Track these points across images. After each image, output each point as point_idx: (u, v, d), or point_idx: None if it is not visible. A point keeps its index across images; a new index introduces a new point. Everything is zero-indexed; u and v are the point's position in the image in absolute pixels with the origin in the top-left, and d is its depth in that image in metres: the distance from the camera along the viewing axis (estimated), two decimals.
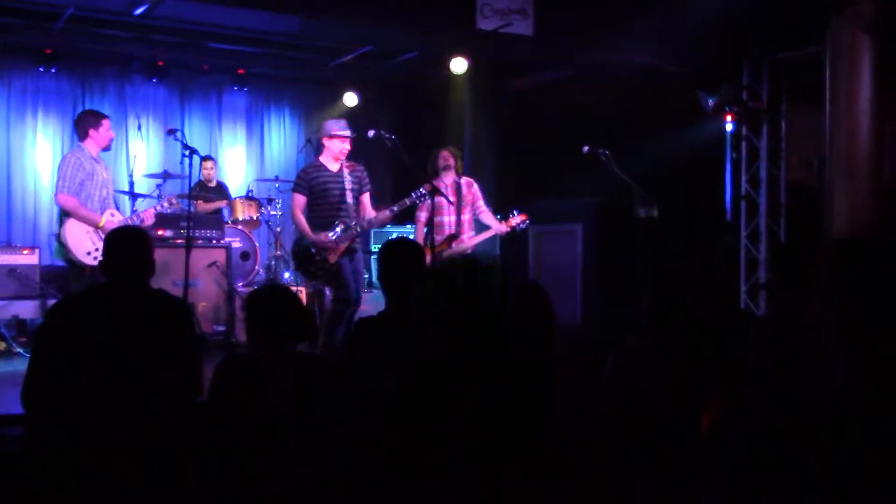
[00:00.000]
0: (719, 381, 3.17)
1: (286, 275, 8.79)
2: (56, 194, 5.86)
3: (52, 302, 4.85)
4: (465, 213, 6.63)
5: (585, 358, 3.42)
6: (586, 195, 7.77)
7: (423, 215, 6.55)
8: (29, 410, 3.12)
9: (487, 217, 6.75)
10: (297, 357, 3.19)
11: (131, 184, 8.35)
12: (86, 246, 5.83)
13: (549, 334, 3.24)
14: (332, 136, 6.16)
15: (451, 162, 6.60)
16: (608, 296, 7.49)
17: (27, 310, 6.99)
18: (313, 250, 6.00)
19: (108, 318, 3.23)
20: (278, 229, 9.13)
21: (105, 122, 6.06)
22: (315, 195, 6.10)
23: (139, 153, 9.54)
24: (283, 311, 3.16)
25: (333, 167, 6.16)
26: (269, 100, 10.83)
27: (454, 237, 6.56)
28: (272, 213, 9.15)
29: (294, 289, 7.03)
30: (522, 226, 6.67)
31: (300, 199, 6.12)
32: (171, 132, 6.52)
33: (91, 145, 6.00)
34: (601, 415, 3.26)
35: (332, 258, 5.96)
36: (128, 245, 3.38)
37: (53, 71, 9.34)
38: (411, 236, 8.44)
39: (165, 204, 6.47)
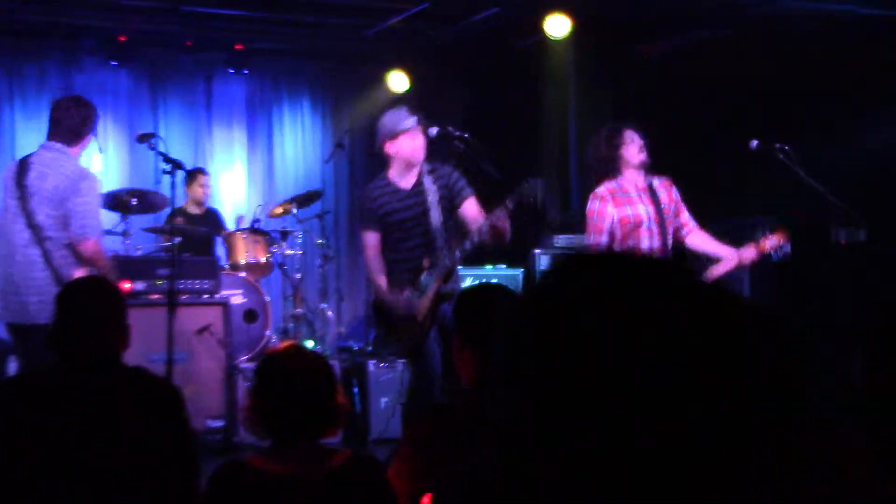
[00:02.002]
0: None
1: (309, 343, 8.83)
2: (88, 237, 5.81)
3: None
4: (669, 236, 6.17)
5: None
6: (754, 212, 7.70)
7: (601, 239, 6.03)
8: None
9: (706, 241, 6.27)
10: (327, 459, 3.19)
11: None
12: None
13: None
14: (395, 136, 6.09)
15: (646, 154, 6.17)
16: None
17: None
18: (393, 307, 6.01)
19: (64, 412, 3.30)
20: (298, 276, 9.22)
21: (91, 113, 6.07)
22: (386, 230, 6.08)
23: (94, 169, 9.76)
24: (306, 385, 3.18)
25: (407, 181, 6.16)
26: (280, 86, 11.06)
27: None
28: (288, 252, 9.26)
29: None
30: (781, 253, 6.05)
31: (371, 239, 6.14)
32: (142, 139, 6.67)
33: (79, 154, 6.00)
34: None
35: (420, 314, 5.88)
36: (91, 303, 3.46)
37: None
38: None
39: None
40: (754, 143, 6.42)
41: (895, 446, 3.13)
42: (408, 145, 6.03)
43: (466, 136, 5.95)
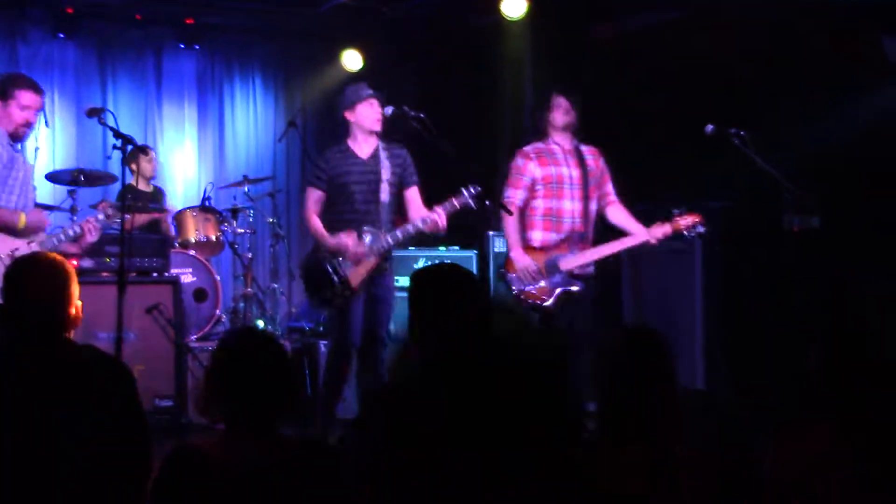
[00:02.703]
0: None
1: (260, 323, 8.82)
2: None
3: None
4: (592, 201, 6.48)
5: (713, 455, 3.34)
6: (708, 196, 7.74)
7: (516, 194, 6.44)
8: None
9: (623, 216, 6.58)
10: (282, 446, 3.17)
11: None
12: None
13: (669, 416, 3.18)
14: (353, 105, 6.47)
15: (572, 116, 6.53)
16: (745, 349, 7.43)
17: None
18: (330, 269, 6.28)
19: (12, 389, 3.25)
20: (249, 255, 9.18)
21: (24, 94, 6.15)
22: (335, 191, 6.41)
23: (41, 144, 9.64)
24: (263, 370, 3.15)
25: (364, 151, 6.49)
26: (232, 63, 10.95)
27: (582, 237, 6.38)
28: (239, 231, 9.21)
29: None
30: (695, 232, 6.32)
31: (314, 195, 6.49)
32: (92, 113, 6.57)
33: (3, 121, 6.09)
34: None
35: (355, 280, 6.23)
36: (41, 280, 3.41)
37: None
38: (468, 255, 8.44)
39: (101, 216, 6.47)
40: (710, 127, 6.45)
41: (851, 430, 3.16)
42: (366, 113, 6.41)
43: (422, 115, 5.97)
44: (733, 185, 7.30)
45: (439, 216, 6.15)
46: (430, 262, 8.24)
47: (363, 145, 6.48)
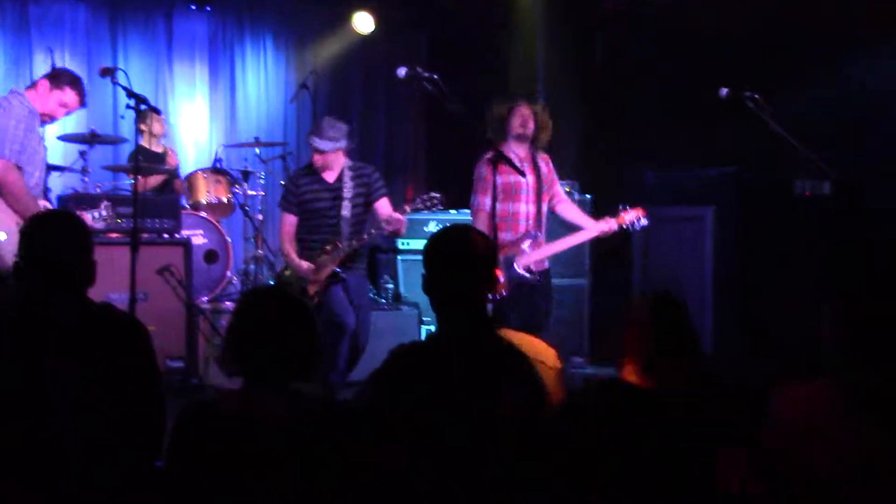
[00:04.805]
0: None
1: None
2: None
3: None
4: (544, 203, 6.85)
5: (724, 412, 3.38)
6: (721, 163, 7.73)
7: (485, 201, 6.62)
8: None
9: (573, 211, 6.99)
10: (298, 403, 3.19)
11: None
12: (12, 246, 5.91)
13: (690, 376, 3.21)
14: (313, 150, 6.89)
15: (530, 128, 6.80)
16: (755, 313, 7.45)
17: None
18: (293, 278, 6.84)
19: (25, 346, 3.29)
20: (260, 217, 9.20)
21: (71, 94, 6.33)
22: (305, 213, 6.90)
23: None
24: (287, 327, 3.17)
25: (330, 176, 6.94)
26: (243, 24, 10.95)
27: (533, 237, 6.70)
28: (250, 192, 9.23)
29: None
30: (638, 226, 6.72)
31: (288, 220, 6.98)
32: (105, 73, 6.59)
33: (34, 100, 6.20)
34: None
35: (312, 289, 6.72)
36: (57, 236, 3.44)
37: None
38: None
39: (104, 212, 6.45)
40: (724, 91, 6.44)
41: (863, 394, 3.18)
42: (315, 159, 6.88)
43: (435, 76, 5.95)
44: (746, 151, 7.29)
45: (401, 220, 6.52)
46: (440, 225, 8.31)
47: (328, 171, 6.92)
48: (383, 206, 6.89)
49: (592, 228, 6.74)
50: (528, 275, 6.57)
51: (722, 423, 3.34)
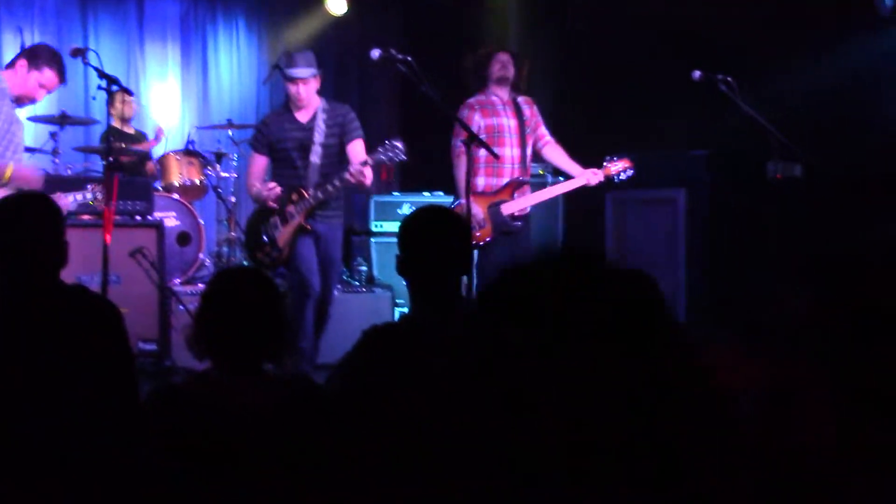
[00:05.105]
0: None
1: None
2: None
3: None
4: (528, 147, 6.89)
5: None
6: (693, 145, 7.76)
7: (461, 146, 6.60)
8: None
9: (560, 155, 6.99)
10: (267, 385, 3.20)
11: None
12: None
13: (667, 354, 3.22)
14: (286, 79, 6.67)
15: (511, 71, 6.85)
16: (727, 294, 7.48)
17: None
18: (262, 230, 6.66)
19: (1, 329, 3.29)
20: (233, 199, 9.18)
21: (50, 74, 6.19)
22: (275, 155, 6.71)
23: None
24: (258, 309, 3.17)
25: (304, 115, 6.70)
26: (216, 6, 10.92)
27: (520, 184, 6.75)
28: (223, 175, 9.21)
29: None
30: (624, 176, 6.83)
31: (258, 162, 6.81)
32: (76, 53, 6.56)
33: (11, 81, 6.11)
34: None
35: (281, 240, 6.57)
36: (29, 219, 3.43)
37: None
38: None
39: (88, 195, 6.45)
40: (697, 73, 6.49)
41: (842, 375, 3.21)
42: (293, 91, 6.63)
43: (409, 59, 5.96)
44: (718, 133, 7.31)
45: (364, 173, 6.33)
46: (414, 207, 8.31)
47: (302, 109, 6.69)
48: (354, 151, 6.66)
49: (580, 176, 6.79)
50: (514, 222, 6.65)
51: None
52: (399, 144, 6.36)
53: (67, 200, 6.18)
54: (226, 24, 10.96)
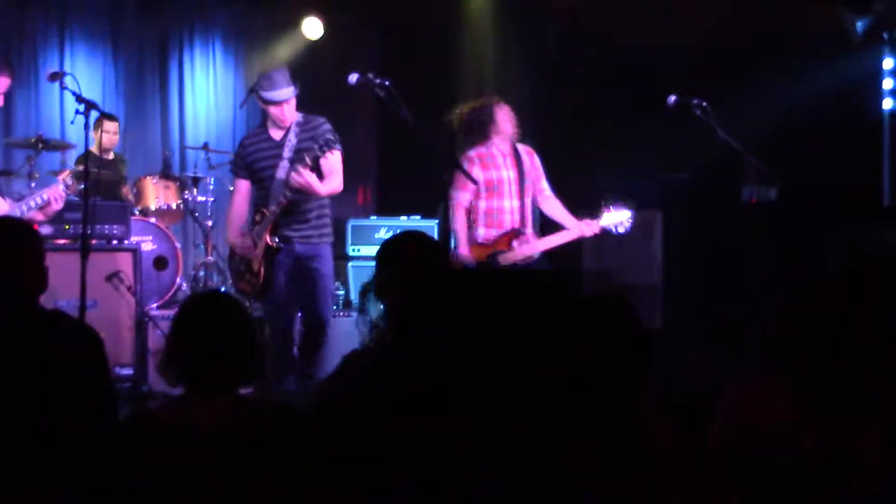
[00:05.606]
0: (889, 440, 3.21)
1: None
2: None
3: None
4: (527, 198, 6.82)
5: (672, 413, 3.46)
6: (669, 169, 7.81)
7: (464, 196, 6.70)
8: None
9: (555, 208, 6.93)
10: (241, 408, 3.21)
11: None
12: None
13: (640, 376, 3.27)
14: (263, 102, 6.54)
15: (511, 123, 6.81)
16: (704, 316, 7.53)
17: None
18: (238, 258, 6.62)
19: None
20: (209, 223, 9.16)
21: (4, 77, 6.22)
22: (252, 176, 6.59)
23: None
24: (228, 332, 3.18)
25: (278, 133, 6.57)
26: (193, 27, 10.90)
27: (518, 233, 6.69)
28: (200, 199, 9.20)
29: None
30: (623, 230, 6.78)
31: (240, 187, 6.68)
32: (53, 77, 6.58)
33: None
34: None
35: (255, 265, 6.45)
36: (9, 245, 3.41)
37: None
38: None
39: (61, 186, 6.49)
40: (672, 98, 6.50)
41: (810, 391, 3.27)
42: (275, 113, 6.49)
43: (387, 83, 5.97)
44: (695, 158, 7.36)
45: (299, 176, 6.19)
46: (391, 231, 8.34)
47: (277, 127, 6.55)
48: (328, 164, 6.42)
49: (574, 229, 6.77)
50: None
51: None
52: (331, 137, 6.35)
53: (23, 207, 6.17)
54: (203, 46, 10.94)
